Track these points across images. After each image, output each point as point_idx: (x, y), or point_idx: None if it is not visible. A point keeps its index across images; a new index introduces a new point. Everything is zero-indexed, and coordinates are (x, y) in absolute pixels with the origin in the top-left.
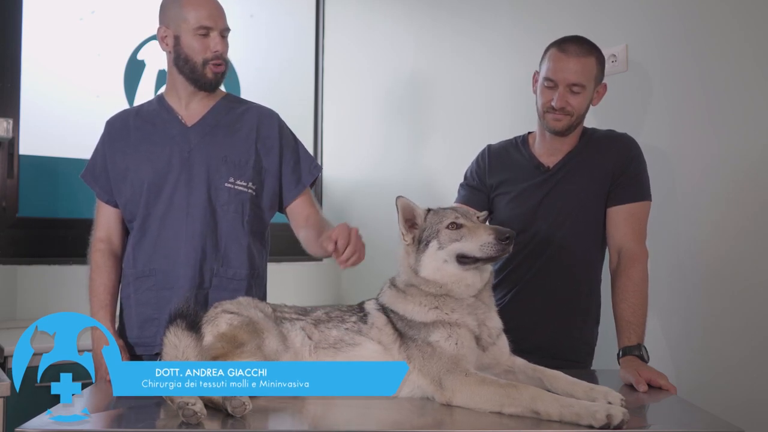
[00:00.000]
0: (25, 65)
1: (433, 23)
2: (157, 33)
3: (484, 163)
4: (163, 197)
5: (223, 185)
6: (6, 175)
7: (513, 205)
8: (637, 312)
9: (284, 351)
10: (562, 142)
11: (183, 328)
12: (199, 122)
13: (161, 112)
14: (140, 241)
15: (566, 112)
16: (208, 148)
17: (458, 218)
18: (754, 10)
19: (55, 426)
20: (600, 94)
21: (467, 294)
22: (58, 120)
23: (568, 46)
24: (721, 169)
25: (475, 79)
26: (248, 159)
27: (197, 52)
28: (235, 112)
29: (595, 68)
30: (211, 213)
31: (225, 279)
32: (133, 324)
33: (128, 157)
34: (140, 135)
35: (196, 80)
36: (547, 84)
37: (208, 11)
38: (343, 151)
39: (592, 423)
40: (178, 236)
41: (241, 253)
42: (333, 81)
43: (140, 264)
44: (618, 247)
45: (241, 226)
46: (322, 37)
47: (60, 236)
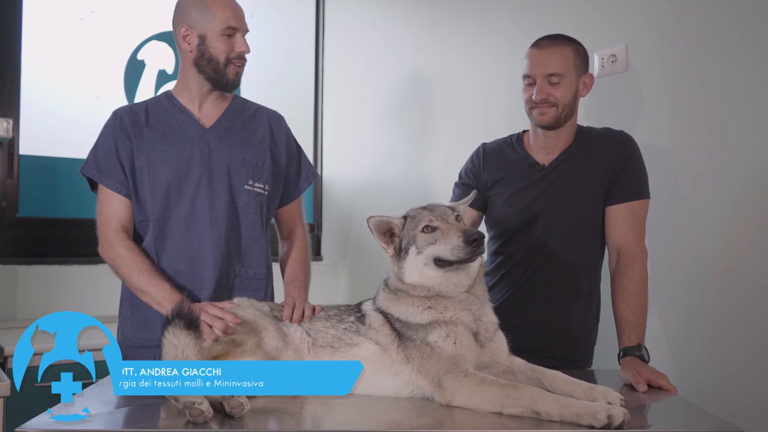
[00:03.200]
0: (25, 65)
1: (433, 24)
2: (177, 32)
3: (478, 162)
4: (185, 199)
5: (243, 187)
6: (6, 175)
7: (508, 205)
8: (637, 312)
9: (285, 348)
10: (556, 138)
11: (181, 328)
12: (216, 124)
13: (175, 112)
14: (162, 242)
15: (549, 103)
16: (228, 151)
17: (432, 221)
18: (754, 10)
19: (55, 426)
20: (587, 86)
21: (457, 292)
22: (58, 120)
23: (541, 42)
24: (721, 168)
25: (475, 79)
26: (264, 161)
27: (222, 52)
28: (247, 113)
29: (571, 57)
30: (234, 215)
31: (246, 279)
32: (157, 326)
33: (143, 157)
34: (154, 134)
35: (217, 80)
36: (527, 81)
37: (234, 12)
38: (342, 152)
39: (593, 423)
40: (203, 238)
41: (260, 254)
42: (333, 81)
43: (164, 265)
44: (617, 247)
45: (260, 227)
46: (322, 37)
47: (60, 236)
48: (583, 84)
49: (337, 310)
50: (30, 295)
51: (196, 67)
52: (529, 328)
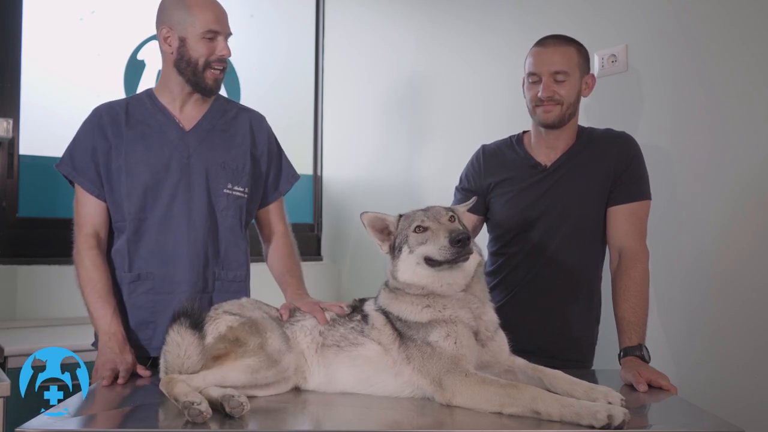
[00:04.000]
0: (25, 65)
1: (432, 24)
2: (159, 33)
3: (479, 165)
4: (161, 202)
5: (222, 191)
6: (6, 175)
7: (510, 206)
8: (638, 312)
9: (288, 351)
10: (557, 138)
11: (186, 327)
12: (196, 127)
13: (155, 112)
14: (136, 244)
15: (555, 101)
16: (206, 154)
17: (424, 221)
18: (754, 10)
19: (55, 426)
20: (589, 86)
21: (453, 291)
22: (58, 120)
23: (545, 41)
24: (722, 168)
25: (475, 79)
26: (244, 165)
27: (201, 55)
28: (228, 115)
29: (576, 56)
30: (212, 219)
31: (227, 282)
32: (127, 327)
33: (121, 157)
34: (134, 134)
35: (196, 84)
36: (532, 79)
37: (215, 15)
38: (342, 151)
39: (593, 423)
40: (179, 241)
41: (240, 256)
42: (333, 81)
43: (136, 267)
44: (619, 247)
45: (239, 229)
46: (322, 37)
47: (60, 236)
48: (586, 84)
49: None
50: (30, 295)
51: (176, 69)
52: (529, 328)
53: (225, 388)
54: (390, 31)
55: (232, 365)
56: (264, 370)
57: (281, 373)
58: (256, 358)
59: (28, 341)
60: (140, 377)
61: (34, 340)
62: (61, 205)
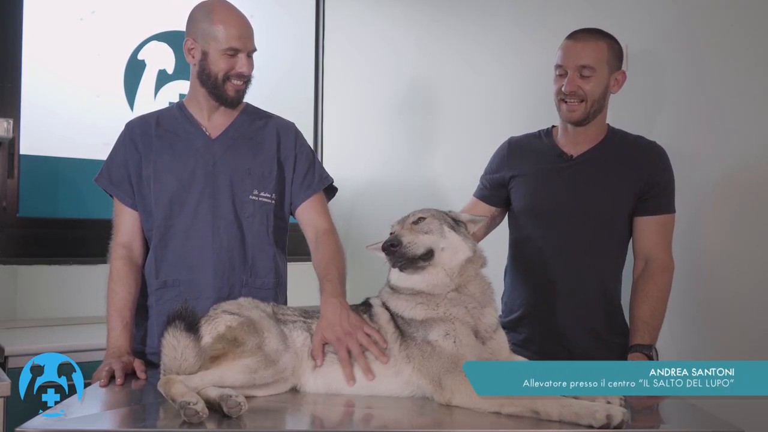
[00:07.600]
0: (25, 65)
1: (434, 24)
2: (185, 44)
3: (503, 154)
4: (187, 209)
5: (247, 198)
6: (6, 175)
7: (534, 192)
8: (656, 315)
9: (285, 350)
10: (585, 134)
11: (181, 330)
12: (222, 135)
13: (184, 122)
14: (162, 251)
15: (579, 97)
16: (231, 161)
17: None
18: (755, 10)
19: (55, 426)
20: (619, 82)
21: (440, 290)
22: (58, 120)
23: (577, 34)
24: (722, 168)
25: (477, 80)
26: (271, 171)
27: (221, 70)
28: (256, 124)
29: (606, 52)
30: (238, 225)
31: (254, 288)
32: (154, 333)
33: (150, 166)
34: (162, 144)
35: (218, 96)
36: (558, 72)
37: (238, 32)
38: (343, 153)
39: (592, 423)
40: (204, 248)
41: (267, 263)
42: (333, 82)
43: (163, 274)
44: (646, 256)
45: (266, 236)
46: (322, 38)
47: (60, 236)
48: (615, 80)
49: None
50: (30, 295)
51: (199, 80)
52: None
53: (223, 388)
54: (391, 32)
55: (230, 365)
56: (262, 370)
57: (279, 373)
58: (254, 358)
59: (29, 341)
60: (139, 378)
61: (35, 340)
62: (61, 205)
